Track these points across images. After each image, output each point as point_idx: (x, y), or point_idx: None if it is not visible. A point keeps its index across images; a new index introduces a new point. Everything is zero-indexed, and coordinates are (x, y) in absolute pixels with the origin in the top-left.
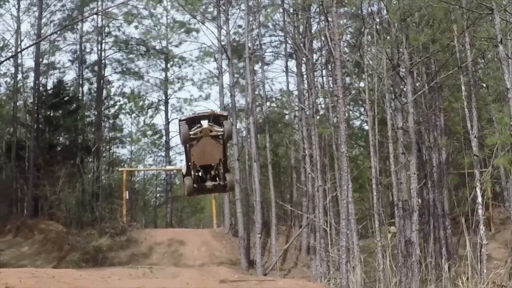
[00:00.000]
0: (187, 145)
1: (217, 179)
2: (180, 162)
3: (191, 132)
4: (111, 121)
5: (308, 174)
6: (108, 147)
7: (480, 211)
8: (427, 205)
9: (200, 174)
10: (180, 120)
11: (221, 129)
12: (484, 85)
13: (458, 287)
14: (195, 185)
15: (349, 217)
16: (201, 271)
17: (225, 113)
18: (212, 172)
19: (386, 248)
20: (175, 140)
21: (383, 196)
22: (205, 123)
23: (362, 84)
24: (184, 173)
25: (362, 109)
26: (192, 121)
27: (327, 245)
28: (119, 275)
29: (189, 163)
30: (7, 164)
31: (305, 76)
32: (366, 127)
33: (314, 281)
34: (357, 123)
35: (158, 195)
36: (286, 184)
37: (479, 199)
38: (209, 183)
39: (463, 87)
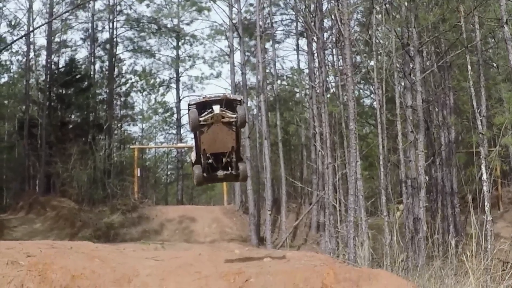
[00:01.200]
0: (197, 132)
1: (229, 168)
2: (191, 140)
3: (201, 118)
4: (122, 99)
5: (318, 152)
6: (119, 124)
7: (485, 188)
8: (435, 183)
9: (210, 161)
10: (189, 105)
11: (234, 115)
12: (495, 64)
13: (462, 262)
14: (205, 174)
15: (357, 193)
16: (212, 247)
17: (238, 98)
18: (224, 160)
19: (394, 225)
20: (186, 118)
21: (392, 174)
22: (216, 108)
23: (372, 63)
24: (193, 161)
25: (372, 88)
26: (203, 105)
27: (336, 222)
28: (132, 249)
29: (199, 151)
30: (19, 142)
31: (315, 55)
32: (377, 106)
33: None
34: (367, 101)
35: (169, 173)
36: (296, 162)
37: (484, 176)
38: (220, 173)
39: (469, 67)
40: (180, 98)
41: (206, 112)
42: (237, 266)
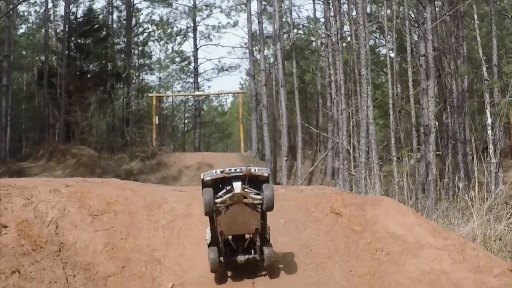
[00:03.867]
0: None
1: (252, 251)
2: (208, 88)
3: (217, 200)
4: (140, 48)
5: (333, 99)
6: (137, 74)
7: (489, 132)
8: (446, 129)
9: (230, 237)
10: (203, 181)
11: (259, 197)
12: (510, 15)
13: (466, 202)
14: (222, 259)
15: (369, 137)
16: None
17: (265, 173)
18: (246, 237)
19: (405, 168)
20: (203, 66)
21: (406, 123)
22: (237, 187)
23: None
24: (208, 243)
25: (388, 37)
26: (221, 180)
27: (350, 166)
28: (158, 185)
29: (215, 232)
30: (39, 91)
31: (331, 4)
32: (392, 55)
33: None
34: (383, 51)
35: (186, 121)
36: (312, 110)
37: (489, 121)
38: (240, 257)
39: (475, 16)
40: (197, 47)
41: (224, 191)
42: None
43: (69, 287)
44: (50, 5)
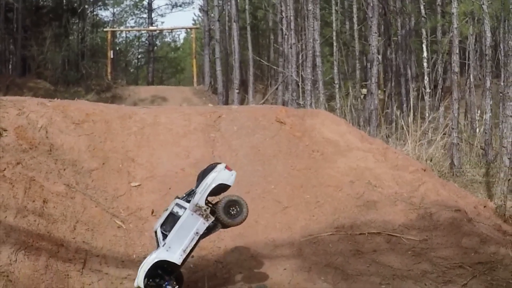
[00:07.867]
0: None
1: None
2: (161, 24)
3: None
4: None
5: (284, 35)
6: (92, 9)
7: (425, 65)
8: (390, 64)
9: None
10: None
11: None
12: None
13: (404, 130)
14: None
15: (315, 68)
16: None
17: None
18: None
19: (349, 99)
20: (157, 2)
21: (354, 60)
22: None
23: None
24: None
25: None
26: None
27: (298, 98)
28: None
29: None
30: None
31: None
32: None
33: None
34: None
35: (139, 56)
36: (264, 46)
37: (425, 54)
38: None
39: None
40: None
41: None
42: (212, 109)
43: (62, 177)
44: None
